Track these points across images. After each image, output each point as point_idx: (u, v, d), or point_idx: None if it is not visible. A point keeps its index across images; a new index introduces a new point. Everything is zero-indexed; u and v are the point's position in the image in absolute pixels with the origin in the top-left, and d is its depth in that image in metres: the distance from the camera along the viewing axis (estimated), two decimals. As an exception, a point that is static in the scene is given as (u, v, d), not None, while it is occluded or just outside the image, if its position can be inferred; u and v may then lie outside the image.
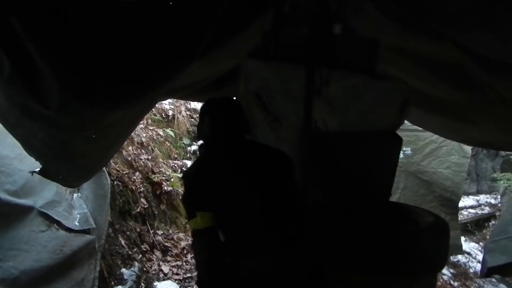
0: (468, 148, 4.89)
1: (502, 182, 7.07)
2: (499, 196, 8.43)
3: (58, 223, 2.64)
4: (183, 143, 6.32)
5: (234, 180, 1.68)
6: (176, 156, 5.71)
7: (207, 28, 1.78)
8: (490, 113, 2.55)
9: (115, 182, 3.59)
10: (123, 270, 3.09)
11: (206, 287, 1.65)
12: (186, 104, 7.00)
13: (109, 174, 3.43)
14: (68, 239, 2.59)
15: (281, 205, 1.71)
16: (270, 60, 2.38)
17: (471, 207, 8.49)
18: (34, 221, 2.48)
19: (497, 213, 7.83)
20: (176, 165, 5.28)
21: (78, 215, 2.82)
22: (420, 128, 4.36)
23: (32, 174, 2.41)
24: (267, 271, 1.61)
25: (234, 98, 2.50)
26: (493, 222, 7.62)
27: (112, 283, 2.98)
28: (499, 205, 8.14)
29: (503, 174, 7.29)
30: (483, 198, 8.98)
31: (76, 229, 2.72)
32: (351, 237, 1.87)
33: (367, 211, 2.08)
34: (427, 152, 4.90)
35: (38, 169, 2.38)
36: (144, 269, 3.41)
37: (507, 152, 8.14)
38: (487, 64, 1.91)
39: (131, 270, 3.12)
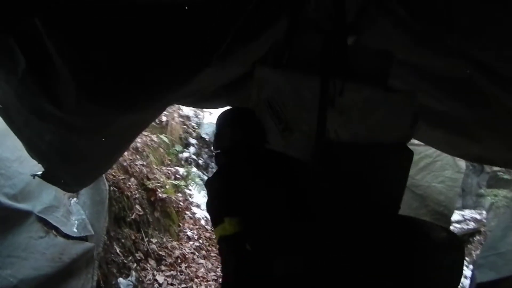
0: (462, 163, 4.96)
1: (489, 197, 7.19)
2: (484, 212, 8.58)
3: (56, 229, 2.55)
4: (176, 149, 6.24)
5: (258, 186, 1.73)
6: (169, 162, 5.62)
7: (226, 34, 1.76)
8: (495, 130, 2.58)
9: (111, 188, 3.50)
10: (120, 279, 2.99)
11: None
12: (179, 110, 6.95)
13: (106, 179, 3.34)
14: (67, 246, 2.50)
15: (303, 208, 1.75)
16: (283, 69, 2.36)
17: (457, 221, 8.56)
18: (33, 226, 2.38)
19: (482, 229, 7.94)
20: (169, 172, 5.20)
21: (76, 221, 2.73)
22: (416, 142, 4.40)
23: (34, 178, 2.32)
24: (296, 273, 1.62)
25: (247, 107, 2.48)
26: (477, 237, 7.72)
27: (108, 292, 2.88)
28: (484, 220, 8.28)
29: (490, 189, 7.42)
30: (468, 213, 9.07)
31: (75, 236, 2.62)
32: (365, 249, 1.85)
33: (379, 224, 2.05)
34: (422, 166, 4.93)
35: (40, 172, 2.29)
36: (140, 278, 3.31)
37: (493, 168, 8.31)
38: (499, 79, 1.94)
39: (128, 280, 3.02)
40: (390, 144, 2.37)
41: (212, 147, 7.67)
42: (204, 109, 8.01)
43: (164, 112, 6.53)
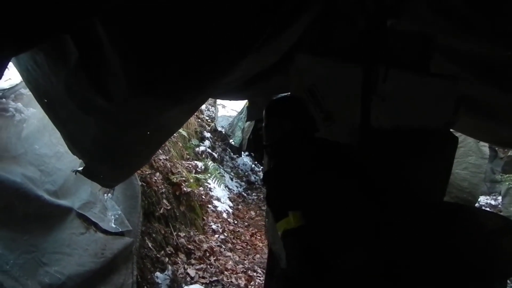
0: (486, 149, 4.90)
1: (507, 183, 7.14)
2: (499, 197, 8.53)
3: (95, 225, 2.53)
4: (192, 143, 6.22)
5: (318, 176, 1.68)
6: (188, 156, 5.60)
7: (265, 25, 1.74)
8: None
9: (140, 183, 3.47)
10: (158, 274, 2.98)
11: (299, 283, 1.67)
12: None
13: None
14: (107, 242, 2.48)
15: (363, 198, 1.70)
16: (324, 57, 2.32)
17: (473, 208, 8.56)
18: (74, 223, 2.36)
19: (499, 214, 7.91)
20: (190, 166, 5.18)
21: (112, 217, 2.71)
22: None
23: (75, 173, 2.30)
24: (361, 263, 1.59)
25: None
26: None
27: (145, 287, 2.86)
28: (500, 206, 8.23)
29: (507, 175, 7.37)
30: (483, 199, 9.06)
31: (113, 231, 2.60)
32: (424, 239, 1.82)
33: (431, 212, 2.02)
34: (444, 153, 4.89)
35: (81, 168, 2.27)
36: (173, 272, 3.30)
37: (508, 154, 8.26)
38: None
39: (165, 274, 3.01)
40: (433, 130, 2.34)
41: (228, 141, 7.66)
42: (217, 103, 7.99)
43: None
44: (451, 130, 3.36)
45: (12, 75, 2.55)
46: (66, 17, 1.39)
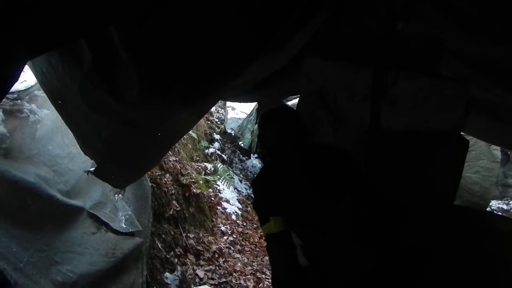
0: (498, 153, 4.86)
1: (519, 187, 7.06)
2: (511, 202, 8.43)
3: (106, 225, 2.57)
4: (202, 145, 6.26)
5: (303, 182, 1.70)
6: (197, 158, 5.63)
7: (277, 27, 1.75)
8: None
9: (150, 184, 3.51)
10: (167, 274, 3.00)
11: (283, 286, 1.71)
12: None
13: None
14: (118, 241, 2.51)
15: (351, 203, 1.70)
16: (334, 60, 2.33)
17: (484, 212, 8.46)
18: (85, 222, 2.40)
19: (511, 219, 7.81)
20: (200, 167, 5.21)
21: (123, 217, 2.75)
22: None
23: (87, 174, 2.34)
24: (345, 268, 1.61)
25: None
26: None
27: (155, 287, 2.89)
28: (512, 211, 8.15)
29: (520, 179, 7.29)
30: (495, 203, 8.95)
31: (123, 231, 2.64)
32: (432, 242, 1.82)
33: (446, 215, 2.01)
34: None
35: (93, 168, 2.31)
36: (182, 273, 3.32)
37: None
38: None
39: (174, 275, 3.03)
40: (443, 133, 2.33)
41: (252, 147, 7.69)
42: (227, 105, 8.02)
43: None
44: (461, 133, 3.35)
45: (27, 77, 2.61)
46: (82, 24, 1.43)
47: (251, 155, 8.34)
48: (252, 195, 6.88)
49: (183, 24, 1.50)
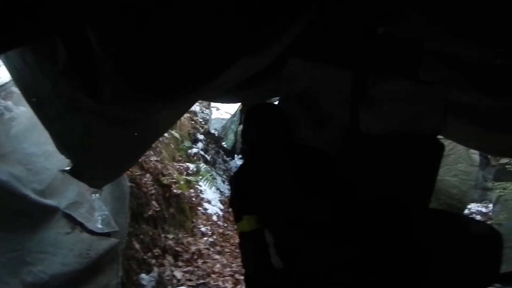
0: (476, 157, 4.95)
1: (497, 191, 7.18)
2: (490, 205, 8.58)
3: (81, 225, 2.52)
4: (185, 145, 6.21)
5: (280, 182, 1.71)
6: (180, 158, 5.59)
7: (258, 28, 1.75)
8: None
9: (129, 184, 3.46)
10: (143, 275, 2.97)
11: (253, 285, 1.75)
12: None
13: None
14: (93, 242, 2.47)
15: (327, 204, 1.72)
16: (315, 62, 2.33)
17: (463, 215, 8.60)
18: (60, 222, 2.36)
19: (489, 222, 7.95)
20: (181, 168, 5.17)
21: (99, 217, 2.70)
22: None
23: (62, 173, 2.29)
24: (317, 267, 1.64)
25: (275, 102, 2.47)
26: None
27: (131, 289, 2.85)
28: (491, 214, 8.28)
29: (498, 183, 7.41)
30: (474, 206, 9.10)
31: (99, 231, 2.59)
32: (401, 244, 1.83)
33: (417, 216, 2.03)
34: (435, 159, 4.92)
35: (68, 167, 2.26)
36: (159, 274, 3.29)
37: (500, 161, 8.32)
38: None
39: (151, 276, 3.00)
40: (421, 136, 2.35)
41: (220, 143, 7.67)
42: (212, 105, 7.99)
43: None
44: (439, 136, 3.40)
45: (2, 73, 2.55)
46: (57, 20, 1.40)
47: (235, 155, 8.33)
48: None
49: (161, 22, 1.49)
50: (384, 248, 1.67)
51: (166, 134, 5.33)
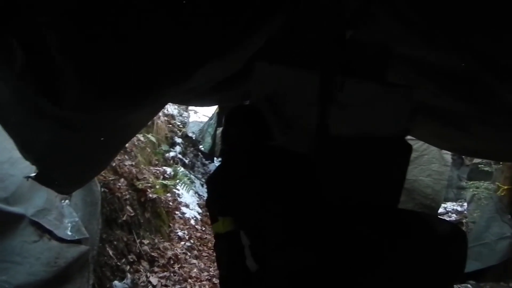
0: (448, 157, 5.06)
1: (471, 190, 7.35)
2: (465, 204, 8.77)
3: (50, 232, 2.46)
4: (162, 149, 6.16)
5: (255, 184, 1.72)
6: (156, 162, 5.54)
7: (225, 31, 1.75)
8: (491, 123, 2.62)
9: (102, 189, 3.41)
10: (116, 282, 2.92)
11: (228, 286, 1.76)
12: (163, 110, 6.86)
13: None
14: (62, 250, 2.41)
15: (302, 206, 1.74)
16: (283, 65, 2.34)
17: (439, 214, 8.76)
18: (26, 230, 2.29)
19: (464, 220, 8.13)
20: (158, 172, 5.13)
21: (69, 224, 2.64)
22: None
23: (27, 180, 2.24)
24: (291, 269, 1.66)
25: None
26: (460, 228, 7.89)
27: (103, 296, 2.80)
28: (466, 212, 8.47)
29: (471, 182, 7.59)
30: (450, 205, 9.30)
31: (69, 239, 2.54)
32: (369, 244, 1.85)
33: (382, 218, 2.06)
34: (409, 160, 5.01)
35: (33, 174, 2.21)
36: (134, 281, 3.24)
37: (473, 161, 8.53)
38: (506, 74, 1.96)
39: (124, 283, 2.95)
40: (389, 138, 2.39)
41: (199, 145, 7.63)
42: (189, 108, 7.94)
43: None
44: (409, 137, 3.46)
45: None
46: (11, 21, 1.36)
47: (214, 158, 8.29)
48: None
49: (127, 26, 1.46)
50: (339, 246, 1.69)
51: (142, 138, 5.27)
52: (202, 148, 7.46)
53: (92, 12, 1.39)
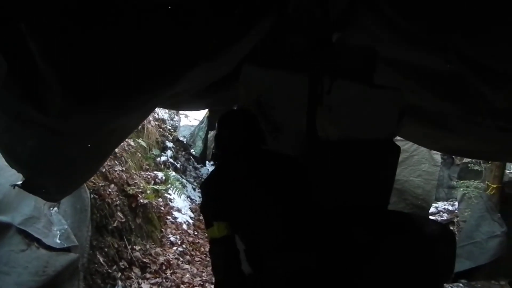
0: (438, 157, 5.11)
1: (461, 189, 7.41)
2: (456, 203, 8.84)
3: (38, 241, 2.43)
4: (153, 153, 6.12)
5: (250, 188, 1.73)
6: (147, 167, 5.50)
7: (212, 35, 1.75)
8: (476, 123, 2.65)
9: (92, 195, 3.37)
10: (107, 289, 2.89)
11: None
12: (154, 114, 6.83)
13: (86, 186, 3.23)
14: (50, 258, 2.38)
15: (296, 209, 1.75)
16: (271, 68, 2.35)
17: (431, 214, 8.82)
18: (13, 239, 2.27)
19: (455, 219, 8.20)
20: (149, 177, 5.10)
21: (58, 232, 2.61)
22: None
23: (13, 188, 2.21)
24: (286, 273, 1.66)
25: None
26: (451, 228, 7.95)
27: (94, 304, 2.77)
28: (457, 211, 8.54)
29: (462, 181, 7.66)
30: (441, 205, 9.36)
31: (58, 247, 2.51)
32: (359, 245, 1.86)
33: (372, 219, 2.06)
34: (399, 161, 5.02)
35: (20, 182, 2.18)
36: None
37: (463, 161, 8.61)
38: (488, 75, 1.98)
39: (115, 290, 2.92)
40: (377, 140, 2.39)
41: (189, 149, 7.61)
42: (180, 112, 7.92)
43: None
44: (399, 138, 3.47)
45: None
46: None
47: (206, 162, 8.28)
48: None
49: (111, 30, 1.45)
50: (332, 248, 1.69)
51: (132, 143, 5.24)
52: (194, 152, 7.44)
53: (75, 16, 1.38)
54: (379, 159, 2.38)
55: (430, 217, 8.57)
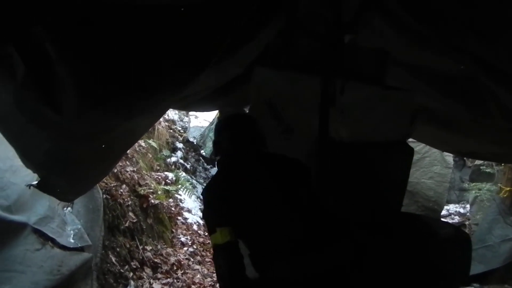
0: (450, 159, 5.06)
1: (473, 191, 7.32)
2: (468, 206, 8.75)
3: (53, 240, 2.46)
4: (163, 154, 6.16)
5: (254, 191, 1.71)
6: (158, 168, 5.54)
7: (224, 37, 1.75)
8: (487, 126, 2.62)
9: (104, 196, 3.41)
10: (119, 289, 2.91)
11: None
12: (164, 115, 6.86)
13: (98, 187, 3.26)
14: (64, 258, 2.41)
15: (301, 213, 1.72)
16: (283, 70, 2.35)
17: (442, 216, 8.73)
18: (28, 239, 2.29)
19: (467, 222, 8.11)
20: (159, 177, 5.13)
21: (71, 232, 2.65)
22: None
23: (29, 188, 2.24)
24: (290, 278, 1.64)
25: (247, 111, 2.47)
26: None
27: (106, 303, 2.80)
28: (468, 214, 8.44)
29: (474, 184, 7.56)
30: (452, 207, 9.26)
31: (71, 246, 2.54)
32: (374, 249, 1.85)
33: (387, 222, 2.05)
34: (411, 162, 5.02)
35: (36, 182, 2.21)
36: (137, 287, 3.24)
37: (475, 163, 8.50)
38: (501, 76, 1.97)
39: (127, 289, 2.95)
40: (390, 142, 2.39)
41: (201, 151, 7.64)
42: (190, 113, 7.95)
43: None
44: (411, 140, 3.45)
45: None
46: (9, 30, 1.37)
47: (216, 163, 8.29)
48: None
49: (124, 34, 1.47)
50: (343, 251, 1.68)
51: (143, 144, 5.28)
52: (204, 153, 7.47)
53: (90, 20, 1.40)
54: (392, 160, 2.37)
55: (441, 219, 8.51)
